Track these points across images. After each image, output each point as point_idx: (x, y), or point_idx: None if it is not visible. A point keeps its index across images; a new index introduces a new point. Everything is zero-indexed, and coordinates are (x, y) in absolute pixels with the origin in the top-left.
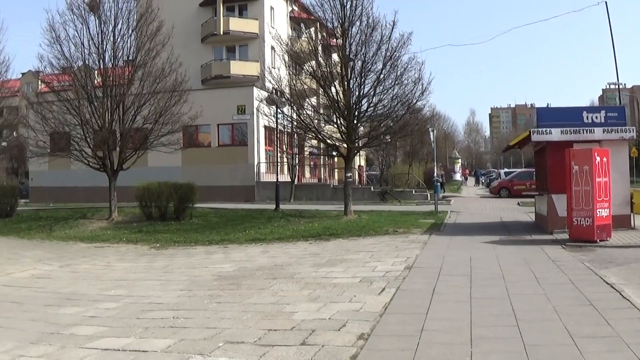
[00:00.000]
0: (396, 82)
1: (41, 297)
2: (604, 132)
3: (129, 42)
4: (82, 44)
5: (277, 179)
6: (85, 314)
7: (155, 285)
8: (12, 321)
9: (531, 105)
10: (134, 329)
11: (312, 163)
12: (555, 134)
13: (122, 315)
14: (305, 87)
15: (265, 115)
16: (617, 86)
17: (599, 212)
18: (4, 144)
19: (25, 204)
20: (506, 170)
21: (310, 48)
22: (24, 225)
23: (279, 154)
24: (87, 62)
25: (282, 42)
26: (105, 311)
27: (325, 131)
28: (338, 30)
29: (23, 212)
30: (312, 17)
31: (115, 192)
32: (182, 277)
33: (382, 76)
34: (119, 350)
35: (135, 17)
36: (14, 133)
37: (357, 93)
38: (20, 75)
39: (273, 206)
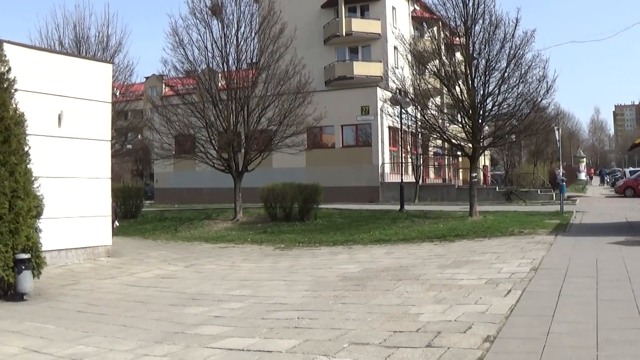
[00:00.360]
0: (520, 81)
1: (166, 297)
2: None
3: (252, 45)
4: (206, 47)
5: (402, 179)
6: (210, 314)
7: (280, 285)
8: (136, 320)
9: None
10: (259, 329)
11: (436, 163)
12: None
13: (246, 315)
14: (429, 86)
15: (389, 115)
16: None
17: None
18: (129, 146)
19: (150, 205)
20: (631, 169)
21: (434, 47)
22: (149, 226)
23: (403, 155)
24: (210, 65)
25: (405, 42)
26: (230, 311)
27: (450, 131)
28: (461, 28)
29: (148, 213)
30: (435, 16)
31: (240, 193)
32: (307, 278)
33: (506, 74)
34: (243, 350)
35: (257, 20)
36: (139, 136)
37: (481, 92)
38: (144, 79)
39: (397, 207)
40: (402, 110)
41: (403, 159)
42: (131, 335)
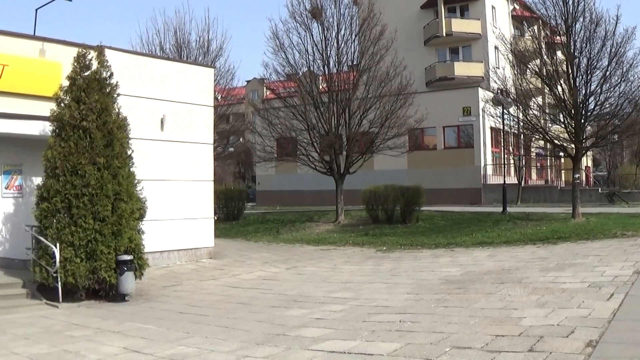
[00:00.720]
0: (622, 79)
1: (267, 298)
2: None
3: (352, 47)
4: (306, 50)
5: (504, 181)
6: (311, 316)
7: (381, 288)
8: (238, 322)
9: None
10: (360, 332)
11: (538, 164)
12: None
13: (348, 317)
14: (531, 86)
15: (492, 116)
16: None
17: None
18: (231, 149)
19: (252, 207)
20: None
21: (534, 46)
22: (251, 228)
23: (505, 156)
24: (311, 68)
25: (505, 42)
26: (332, 313)
27: (552, 131)
28: (561, 27)
29: (250, 215)
30: (535, 15)
31: (342, 195)
32: (409, 281)
33: (607, 73)
34: (344, 352)
35: (357, 22)
36: (241, 139)
37: (583, 91)
38: (245, 82)
39: (499, 209)
40: (504, 111)
41: (505, 160)
42: (232, 336)
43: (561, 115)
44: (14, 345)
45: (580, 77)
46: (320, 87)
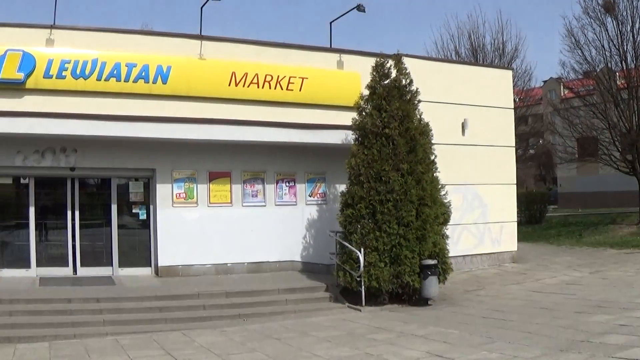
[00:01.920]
0: None
1: (571, 303)
2: None
3: None
4: (602, 46)
5: None
6: (615, 322)
7: None
8: (541, 327)
9: None
10: None
11: None
12: None
13: None
14: None
15: None
16: None
17: None
18: (531, 151)
19: (553, 210)
20: None
21: None
22: (553, 232)
23: None
24: (609, 64)
25: None
26: (637, 320)
27: None
28: None
29: (552, 218)
30: None
31: None
32: None
33: None
34: None
35: None
36: (540, 140)
37: None
38: (542, 83)
39: None
40: None
41: None
42: (535, 342)
43: None
44: (316, 347)
45: None
46: (619, 83)
